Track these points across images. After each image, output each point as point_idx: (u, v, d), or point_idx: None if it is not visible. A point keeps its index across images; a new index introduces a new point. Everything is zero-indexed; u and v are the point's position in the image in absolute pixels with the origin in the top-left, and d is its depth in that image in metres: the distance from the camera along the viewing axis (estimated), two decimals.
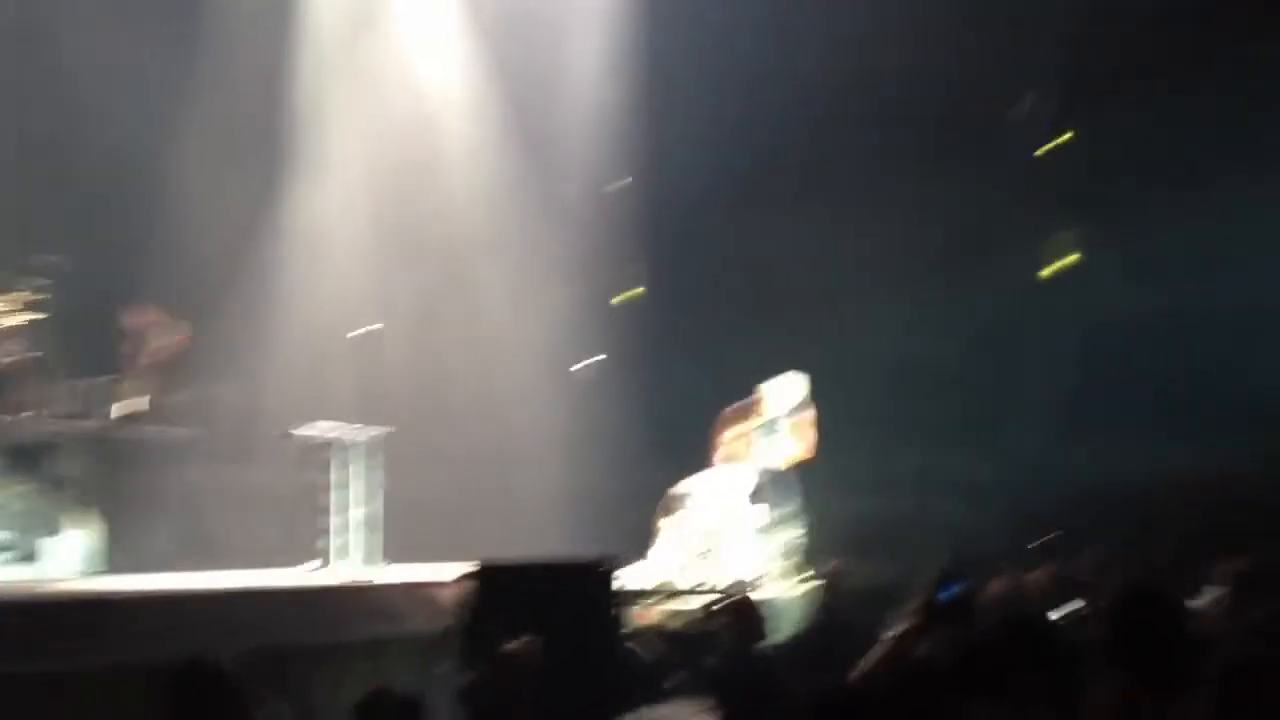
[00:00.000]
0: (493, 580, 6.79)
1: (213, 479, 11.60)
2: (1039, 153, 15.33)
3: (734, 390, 10.11)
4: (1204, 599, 7.88)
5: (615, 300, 16.09)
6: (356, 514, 9.51)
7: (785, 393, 10.01)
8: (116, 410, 11.22)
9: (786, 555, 10.18)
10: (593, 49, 13.84)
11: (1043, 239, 15.80)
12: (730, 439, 9.94)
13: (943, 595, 4.09)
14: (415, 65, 13.62)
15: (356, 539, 9.45)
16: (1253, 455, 12.74)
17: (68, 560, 10.11)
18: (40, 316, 10.62)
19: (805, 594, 9.17)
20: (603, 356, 10.86)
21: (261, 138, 12.71)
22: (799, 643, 7.58)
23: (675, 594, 8.98)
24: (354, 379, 9.79)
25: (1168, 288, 13.61)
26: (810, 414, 10.19)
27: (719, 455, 9.87)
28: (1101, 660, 3.73)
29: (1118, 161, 14.54)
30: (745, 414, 9.99)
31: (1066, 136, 15.46)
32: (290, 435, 9.59)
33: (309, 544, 9.62)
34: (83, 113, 11.70)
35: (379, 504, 9.71)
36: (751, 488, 10.02)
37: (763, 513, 10.16)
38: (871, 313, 14.57)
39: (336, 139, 13.18)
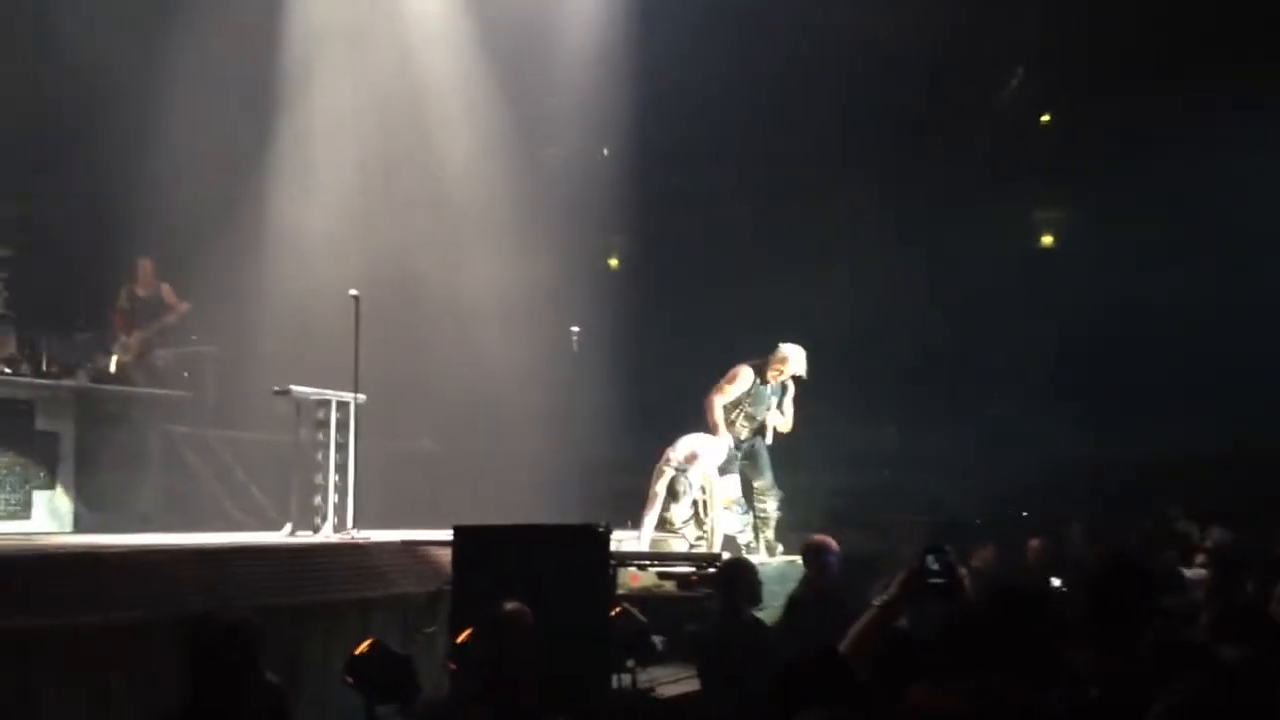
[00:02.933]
0: (485, 541, 6.78)
1: (197, 438, 11.55)
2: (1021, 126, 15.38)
3: (718, 357, 10.10)
4: (1188, 575, 7.98)
5: (612, 264, 16.11)
6: (342, 475, 9.47)
7: (795, 359, 10.00)
8: (99, 368, 11.15)
9: (772, 524, 10.21)
10: (580, 17, 13.76)
11: (1028, 215, 15.89)
12: (729, 401, 9.92)
13: (928, 566, 4.10)
14: (403, 31, 13.50)
15: (342, 500, 9.42)
16: (1238, 433, 12.86)
17: (51, 518, 10.07)
18: (20, 273, 10.53)
19: (790, 563, 9.21)
20: (577, 329, 10.82)
21: (249, 93, 12.59)
22: (786, 611, 7.61)
23: (666, 558, 8.99)
24: (337, 342, 9.72)
25: (1147, 266, 13.70)
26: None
27: (714, 418, 9.84)
28: (1079, 633, 3.75)
29: (1100, 141, 14.60)
30: (745, 376, 9.96)
31: (1046, 118, 15.53)
32: (275, 396, 9.53)
33: (295, 504, 9.59)
34: (64, 62, 11.55)
35: (363, 467, 9.68)
36: (740, 455, 10.02)
37: (753, 480, 10.18)
38: (854, 284, 14.60)
39: (323, 101, 13.06)
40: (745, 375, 9.94)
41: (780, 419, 10.11)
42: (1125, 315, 13.97)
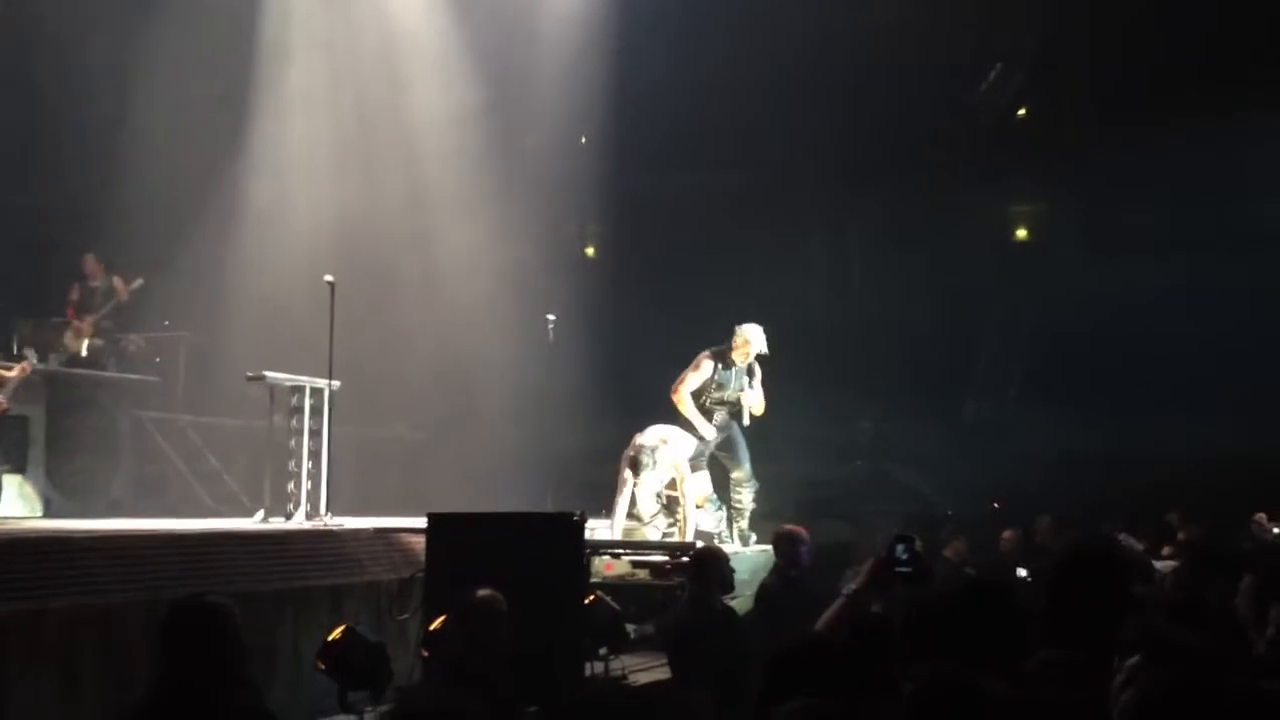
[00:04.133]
0: (459, 529, 6.78)
1: (168, 424, 11.49)
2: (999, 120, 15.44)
3: (694, 347, 10.12)
4: (1161, 567, 8.04)
5: (589, 252, 16.10)
6: (316, 462, 9.45)
7: (756, 339, 10.01)
8: (71, 352, 11.09)
9: (746, 515, 10.23)
10: (560, 4, 13.73)
11: (1005, 208, 15.97)
12: (694, 389, 9.93)
13: (896, 555, 4.12)
14: (380, 17, 13.45)
15: (316, 487, 9.39)
16: (1210, 429, 12.96)
17: (21, 502, 10.01)
18: None
19: (763, 553, 9.24)
20: (552, 318, 10.81)
21: (223, 80, 12.53)
22: (756, 600, 7.65)
23: (639, 546, 9.01)
24: (312, 328, 9.69)
25: (1129, 261, 13.79)
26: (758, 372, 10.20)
27: (687, 410, 9.86)
28: (1047, 623, 3.76)
29: (1082, 133, 14.68)
30: (707, 363, 9.98)
31: (1022, 112, 15.60)
32: (249, 382, 9.49)
33: (268, 491, 9.55)
34: (39, 49, 11.47)
35: (337, 453, 9.67)
36: (717, 445, 10.03)
37: (731, 471, 10.19)
38: (832, 276, 14.66)
39: (298, 88, 13.01)
40: (706, 363, 9.97)
41: (755, 399, 10.12)
42: (1102, 309, 14.06)
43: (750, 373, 10.09)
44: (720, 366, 9.97)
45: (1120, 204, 14.02)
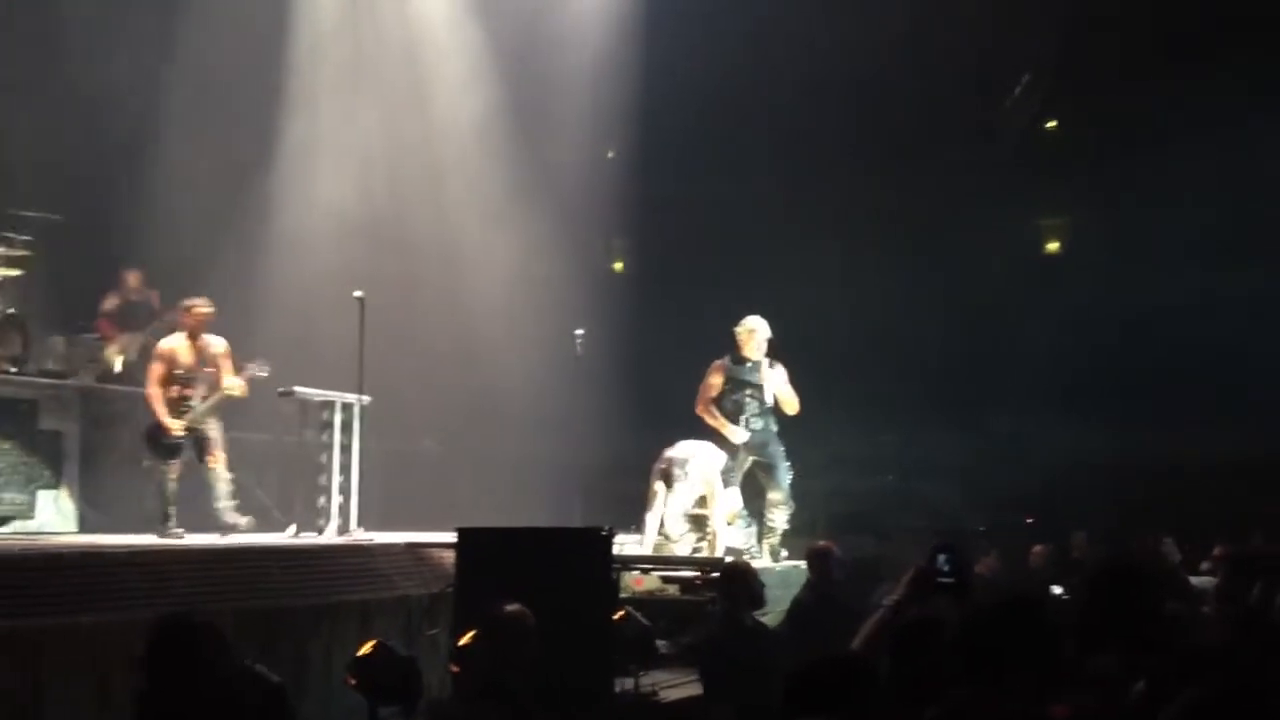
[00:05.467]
0: (488, 544, 6.79)
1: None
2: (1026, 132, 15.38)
3: (719, 359, 10.15)
4: (1198, 582, 7.97)
5: (617, 267, 16.12)
6: (346, 477, 9.49)
7: (760, 326, 10.04)
8: (104, 368, 11.16)
9: (778, 534, 10.19)
10: (586, 18, 13.77)
11: (1034, 221, 15.88)
12: (714, 396, 9.97)
13: (938, 565, 4.09)
14: (407, 34, 13.53)
15: (346, 501, 9.44)
16: (1244, 441, 12.83)
17: (56, 517, 10.08)
18: (23, 273, 10.53)
19: (794, 568, 9.21)
20: (580, 332, 10.83)
21: (253, 98, 12.61)
22: (788, 615, 7.63)
23: (669, 562, 8.99)
24: (342, 344, 9.75)
25: (1156, 273, 13.68)
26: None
27: (715, 420, 9.88)
28: (1085, 638, 3.74)
29: (1110, 144, 14.59)
30: (716, 369, 10.04)
31: (1051, 125, 15.53)
32: (280, 398, 9.55)
33: (299, 505, 9.61)
34: (71, 72, 11.57)
35: (367, 468, 9.71)
36: (742, 450, 10.01)
37: (768, 491, 10.17)
38: (860, 290, 14.61)
39: (326, 105, 13.09)
40: (715, 368, 10.06)
41: (780, 385, 10.11)
42: (1130, 322, 13.96)
43: (769, 363, 10.10)
44: (731, 364, 10.01)
45: (1149, 214, 13.91)
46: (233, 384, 9.42)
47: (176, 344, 9.55)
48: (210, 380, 9.47)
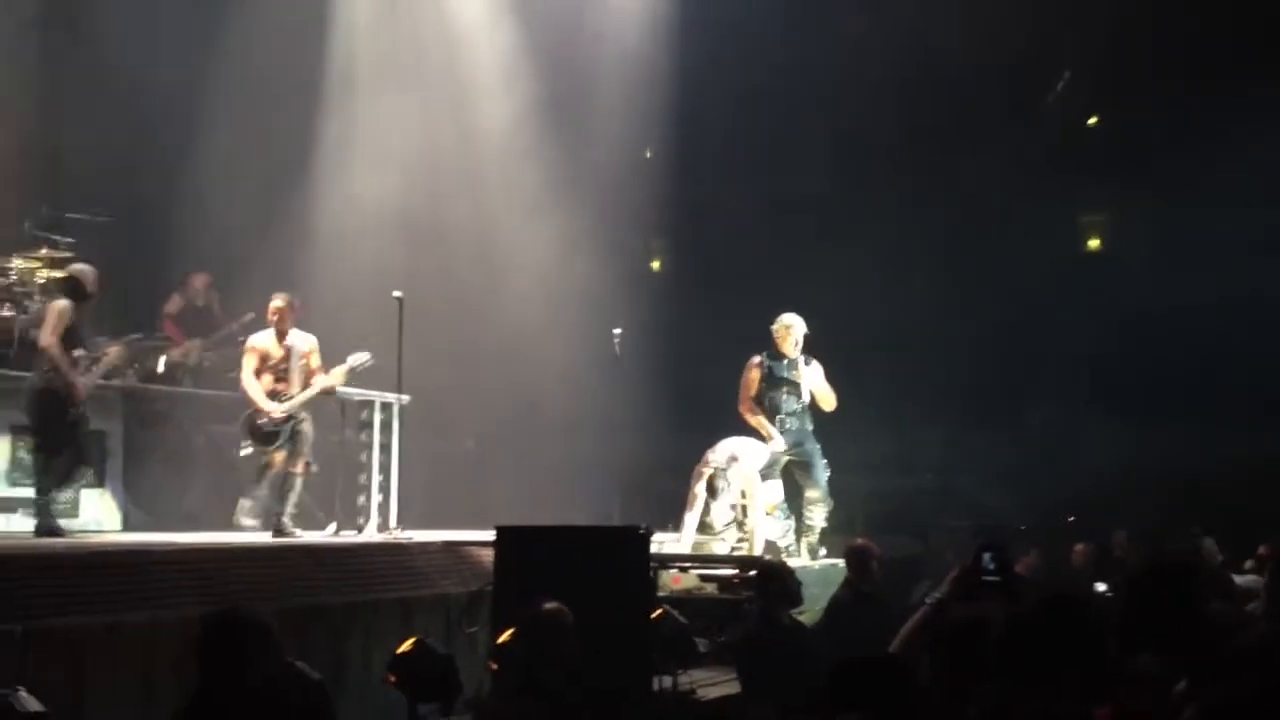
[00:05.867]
0: (527, 542, 6.81)
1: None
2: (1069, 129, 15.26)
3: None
4: (1242, 582, 7.89)
5: (655, 266, 16.12)
6: (386, 476, 9.55)
7: (795, 323, 10.06)
8: (147, 368, 11.26)
9: (816, 532, 10.19)
10: (624, 17, 13.77)
11: (1074, 218, 15.76)
12: (754, 394, 9.98)
13: (984, 564, 4.07)
14: (445, 33, 13.58)
15: (386, 500, 9.49)
16: None
17: (100, 516, 10.18)
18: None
19: (832, 566, 9.19)
20: (619, 331, 10.85)
21: (293, 99, 12.70)
22: (826, 613, 7.61)
23: (707, 560, 9.00)
24: (381, 344, 9.80)
25: (1198, 271, 13.55)
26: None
27: (755, 420, 9.90)
28: (1127, 637, 3.71)
29: (1152, 142, 14.46)
30: (753, 365, 10.06)
31: (1093, 121, 15.41)
32: (320, 397, 9.60)
33: (339, 504, 9.67)
34: (112, 74, 11.68)
35: (406, 467, 9.76)
36: (782, 452, 10.01)
37: (806, 489, 10.17)
38: (899, 288, 14.55)
39: (365, 105, 13.16)
40: (752, 365, 10.09)
41: (817, 382, 10.12)
42: (1172, 320, 13.83)
43: (807, 360, 10.11)
44: (769, 359, 10.02)
45: (1191, 212, 13.78)
46: (328, 378, 9.47)
47: (265, 339, 9.62)
48: (304, 375, 9.51)
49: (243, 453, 9.65)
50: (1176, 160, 13.93)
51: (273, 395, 9.47)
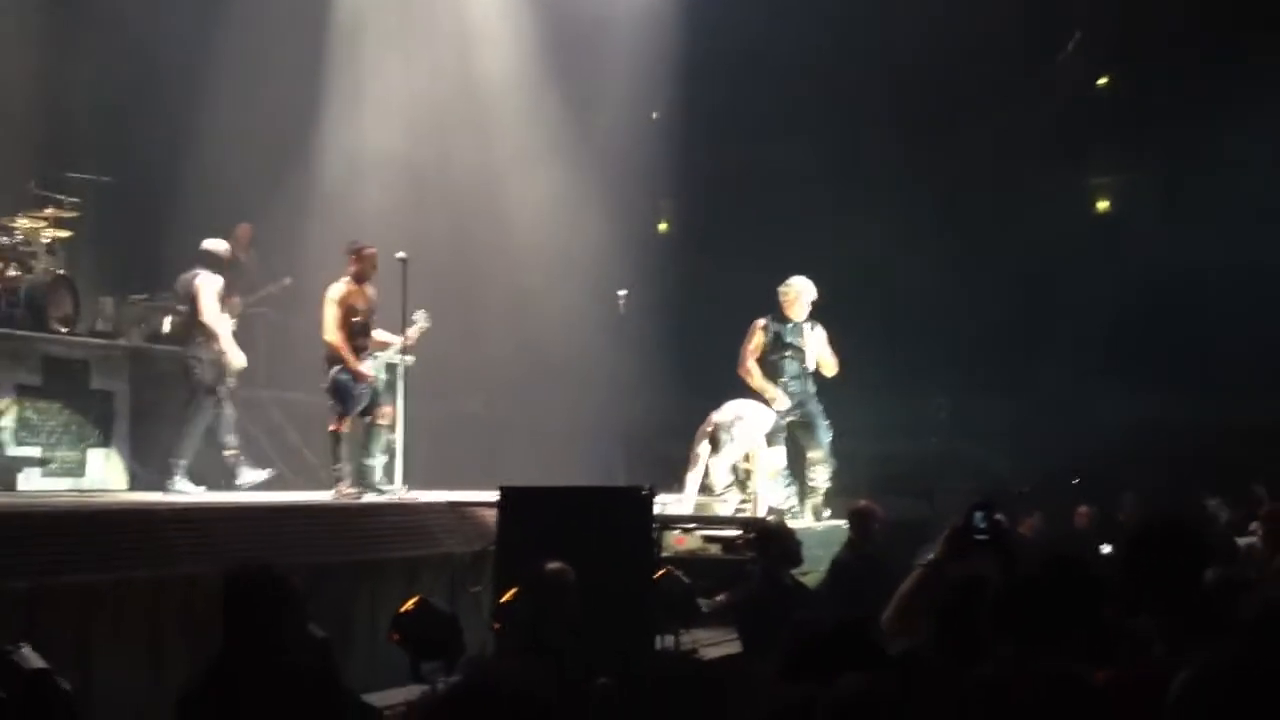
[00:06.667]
0: (530, 503, 6.83)
1: (248, 399, 11.67)
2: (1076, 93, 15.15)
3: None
4: (1241, 544, 7.89)
5: (661, 228, 16.08)
6: (391, 436, 9.55)
7: (804, 287, 10.04)
8: (153, 328, 11.27)
9: (820, 494, 10.21)
10: None
11: (1084, 181, 15.68)
12: (757, 357, 9.98)
13: (974, 523, 4.08)
14: None
15: (391, 461, 9.51)
16: None
17: (106, 475, 10.22)
18: (73, 234, 10.63)
19: (835, 528, 9.22)
20: (624, 292, 10.84)
21: (299, 61, 12.63)
22: (828, 574, 7.64)
23: (709, 521, 9.03)
24: (387, 305, 9.79)
25: (1207, 234, 13.48)
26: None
27: (757, 382, 9.90)
28: (1125, 599, 3.71)
29: (1162, 104, 14.35)
30: (757, 328, 10.06)
31: (1103, 81, 15.30)
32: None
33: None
34: (121, 36, 11.63)
35: (411, 428, 9.76)
36: (795, 415, 10.02)
37: (808, 450, 10.19)
38: (906, 251, 14.50)
39: (372, 67, 13.10)
40: (756, 327, 10.10)
41: (820, 349, 10.12)
42: (1180, 283, 13.77)
43: (812, 325, 10.10)
44: (774, 322, 10.01)
45: (1201, 175, 13.70)
46: (410, 332, 9.33)
47: (350, 289, 9.31)
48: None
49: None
50: (1187, 123, 13.84)
51: (359, 351, 9.25)
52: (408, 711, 5.10)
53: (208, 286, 9.38)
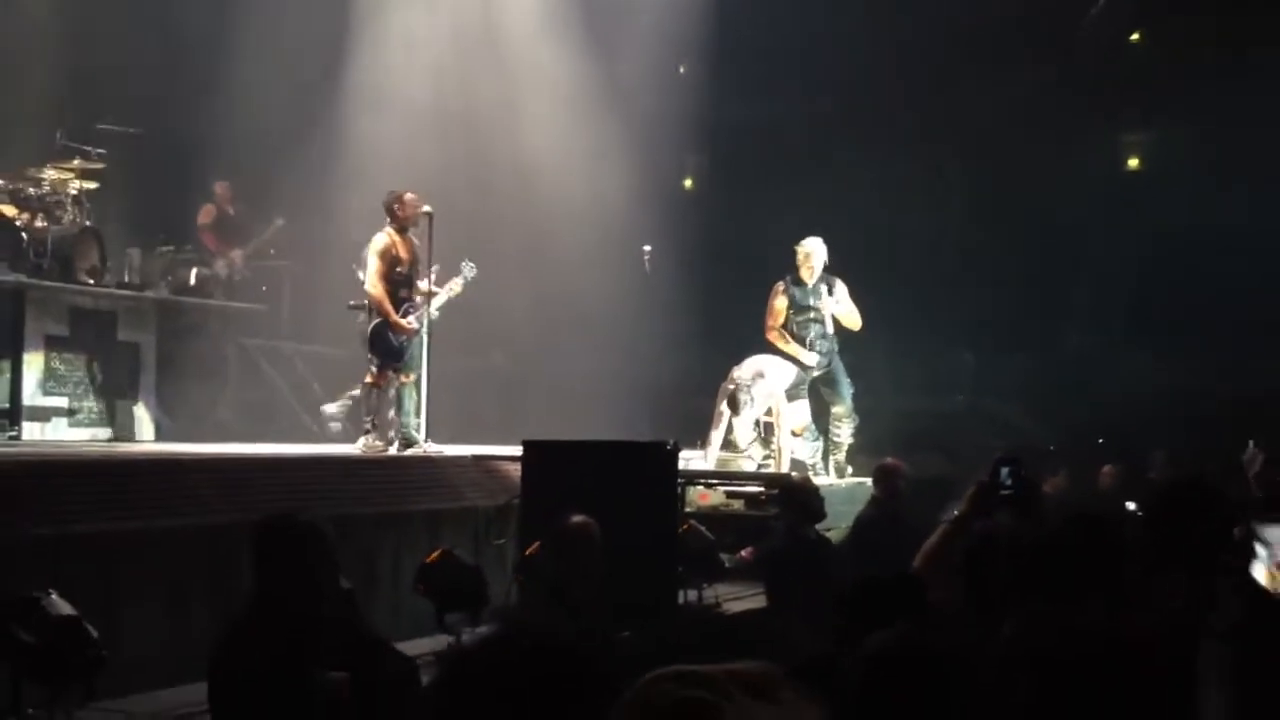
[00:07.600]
0: (554, 457, 6.84)
1: (272, 351, 11.72)
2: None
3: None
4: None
5: (686, 184, 16.01)
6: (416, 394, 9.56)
7: (816, 248, 10.00)
8: (179, 280, 11.31)
9: (844, 449, 10.21)
10: None
11: (1114, 137, 15.50)
12: (781, 321, 9.96)
13: (1000, 479, 4.07)
14: None
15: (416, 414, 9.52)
16: None
17: (131, 426, 10.29)
18: (99, 185, 10.65)
19: (859, 485, 9.21)
20: (649, 248, 10.80)
21: (324, 12, 12.58)
22: (852, 530, 7.64)
23: (733, 477, 9.04)
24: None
25: (1239, 192, 13.33)
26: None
27: (785, 345, 9.89)
28: (1152, 555, 3.70)
29: (1195, 60, 14.15)
30: (779, 292, 10.03)
31: (1135, 37, 15.09)
32: (350, 311, 9.60)
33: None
34: None
35: (435, 382, 9.78)
36: (819, 378, 10.02)
37: (832, 405, 10.19)
38: (931, 209, 14.41)
39: (397, 20, 13.03)
40: (776, 291, 10.09)
41: (841, 309, 10.10)
42: (1210, 242, 13.62)
43: (830, 286, 10.07)
44: (792, 285, 9.99)
45: (1233, 132, 13.51)
46: (455, 283, 9.16)
47: (392, 239, 9.05)
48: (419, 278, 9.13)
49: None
50: (1219, 79, 13.64)
51: (401, 302, 9.07)
52: (434, 661, 5.12)
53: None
